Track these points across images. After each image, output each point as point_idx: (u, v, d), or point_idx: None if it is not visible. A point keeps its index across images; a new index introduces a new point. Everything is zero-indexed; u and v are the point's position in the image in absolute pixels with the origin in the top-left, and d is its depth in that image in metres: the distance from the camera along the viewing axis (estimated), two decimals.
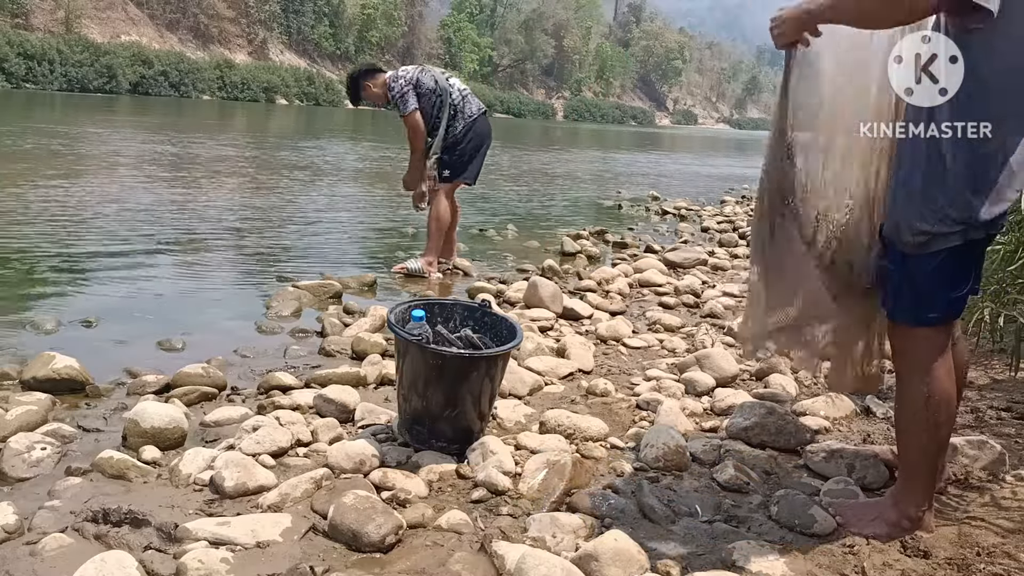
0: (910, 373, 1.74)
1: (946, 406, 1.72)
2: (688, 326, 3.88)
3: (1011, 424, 2.49)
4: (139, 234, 5.31)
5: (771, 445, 2.35)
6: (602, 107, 73.07)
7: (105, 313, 3.50)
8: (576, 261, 5.50)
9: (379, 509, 1.77)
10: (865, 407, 2.71)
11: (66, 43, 33.59)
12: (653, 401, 2.69)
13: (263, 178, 9.32)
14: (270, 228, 6.03)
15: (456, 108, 4.69)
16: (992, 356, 3.22)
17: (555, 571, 1.54)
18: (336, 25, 53.19)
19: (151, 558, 1.62)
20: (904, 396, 1.77)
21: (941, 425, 1.73)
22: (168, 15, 45.16)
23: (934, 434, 1.73)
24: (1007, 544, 1.71)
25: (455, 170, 4.79)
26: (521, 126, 39.78)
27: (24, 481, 1.96)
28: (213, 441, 2.25)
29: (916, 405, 1.73)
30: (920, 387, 1.71)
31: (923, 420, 1.73)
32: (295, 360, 3.08)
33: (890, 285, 1.74)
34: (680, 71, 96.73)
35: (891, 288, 1.74)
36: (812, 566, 1.69)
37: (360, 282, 4.39)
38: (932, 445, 1.75)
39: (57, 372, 2.56)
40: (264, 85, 42.32)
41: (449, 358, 2.11)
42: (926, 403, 1.71)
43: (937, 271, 1.65)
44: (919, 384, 1.71)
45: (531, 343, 3.19)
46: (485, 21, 68.31)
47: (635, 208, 9.22)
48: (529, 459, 2.09)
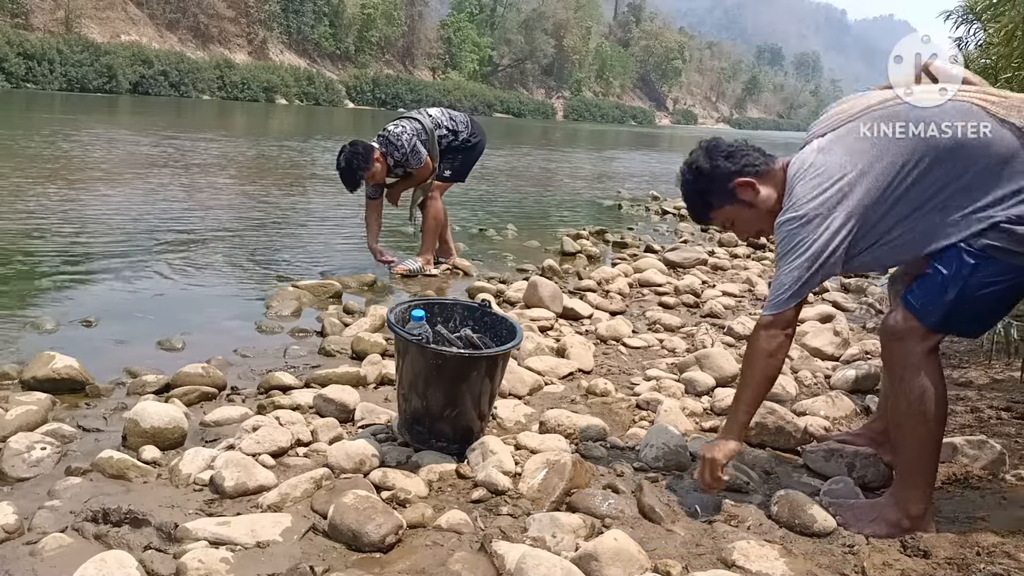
0: (906, 370, 1.76)
1: (941, 401, 1.76)
2: (688, 326, 3.88)
3: (1011, 424, 2.49)
4: (139, 234, 5.30)
5: (771, 445, 2.35)
6: (602, 107, 73.09)
7: (105, 313, 3.50)
8: (576, 261, 5.50)
9: (379, 509, 1.77)
10: (865, 407, 2.71)
11: (66, 43, 33.61)
12: (653, 401, 2.69)
13: (263, 178, 9.32)
14: (270, 228, 6.03)
15: (449, 130, 4.76)
16: (992, 356, 3.22)
17: (555, 571, 1.54)
18: (336, 25, 53.20)
19: (151, 558, 1.62)
20: (901, 393, 1.78)
21: (937, 420, 1.76)
22: (168, 15, 45.18)
23: (931, 429, 1.76)
24: (1007, 544, 1.71)
25: (456, 173, 4.90)
26: (521, 126, 39.78)
27: (24, 481, 1.96)
28: (213, 441, 2.24)
29: (913, 401, 1.75)
30: (917, 383, 1.74)
31: (920, 416, 1.75)
32: (295, 360, 3.08)
33: (929, 283, 1.74)
34: (680, 71, 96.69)
35: (929, 287, 1.73)
36: (812, 566, 1.69)
37: (360, 282, 4.39)
38: (929, 441, 1.77)
39: (57, 372, 2.56)
40: (264, 85, 42.36)
41: (449, 358, 2.11)
42: (922, 398, 1.74)
43: (997, 290, 1.69)
44: (916, 380, 1.74)
45: (531, 343, 3.19)
46: (485, 21, 68.31)
47: (635, 208, 9.22)
48: (529, 459, 2.09)
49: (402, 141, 4.54)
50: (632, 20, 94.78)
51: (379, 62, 57.28)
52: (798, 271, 1.76)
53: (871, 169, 1.73)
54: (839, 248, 1.74)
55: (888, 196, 1.73)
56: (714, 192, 1.99)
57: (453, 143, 4.79)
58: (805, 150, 1.86)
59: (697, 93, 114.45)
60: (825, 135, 1.84)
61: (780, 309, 1.79)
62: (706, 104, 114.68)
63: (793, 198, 1.79)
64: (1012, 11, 3.13)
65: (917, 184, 1.71)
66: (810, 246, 1.74)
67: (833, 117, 1.86)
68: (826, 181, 1.75)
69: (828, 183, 1.74)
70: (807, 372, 3.13)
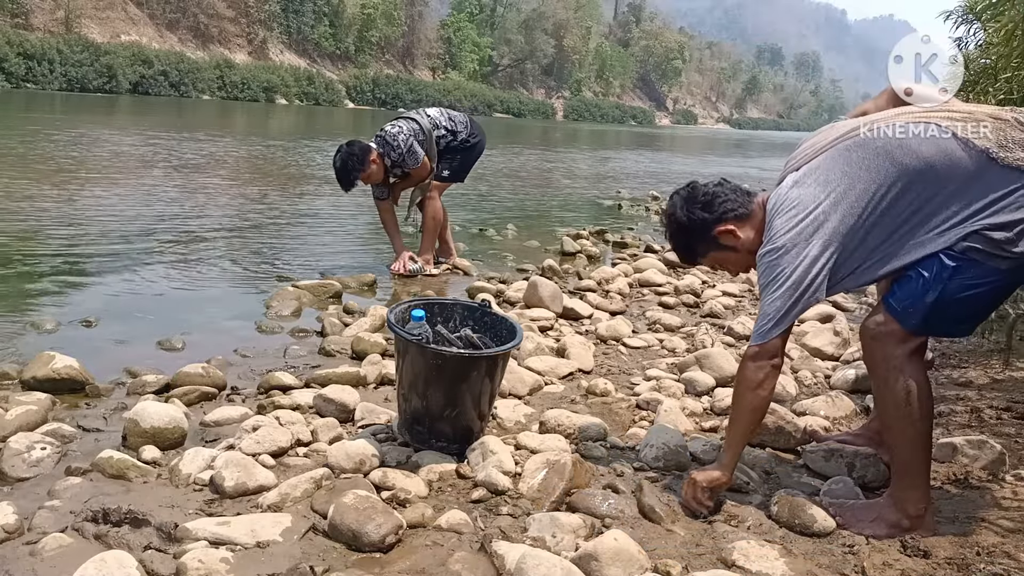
0: (889, 372, 1.78)
1: (926, 399, 1.78)
2: (688, 326, 3.88)
3: (1011, 424, 2.49)
4: (139, 234, 5.30)
5: (771, 445, 2.35)
6: (602, 107, 73.11)
7: (105, 313, 3.50)
8: (576, 261, 5.50)
9: (379, 509, 1.77)
10: (865, 407, 2.71)
11: (66, 43, 33.63)
12: (653, 401, 2.69)
13: (263, 178, 9.33)
14: (270, 228, 6.03)
15: (448, 130, 4.76)
16: (992, 356, 3.22)
17: (555, 571, 1.54)
18: (336, 25, 53.21)
19: (151, 558, 1.62)
20: (887, 396, 1.80)
21: (923, 418, 1.78)
22: (168, 15, 45.19)
23: (919, 429, 1.78)
24: (1007, 544, 1.71)
25: (455, 174, 4.91)
26: (521, 126, 39.78)
27: (24, 481, 1.96)
28: (213, 441, 2.24)
29: (900, 403, 1.77)
30: (901, 385, 1.76)
31: (907, 417, 1.77)
32: (295, 360, 3.08)
33: (910, 286, 1.75)
34: (680, 71, 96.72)
35: (910, 290, 1.75)
36: (812, 566, 1.69)
37: (360, 282, 4.39)
38: (919, 440, 1.79)
39: (57, 372, 2.55)
40: (264, 85, 42.37)
41: (449, 358, 2.11)
42: (907, 399, 1.76)
43: (978, 293, 1.71)
44: (900, 382, 1.76)
45: (531, 343, 3.19)
46: (485, 21, 68.32)
47: (635, 208, 9.22)
48: (529, 459, 2.09)
49: (399, 141, 4.54)
50: (632, 20, 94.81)
51: (379, 62, 57.30)
52: (780, 300, 1.78)
53: (845, 197, 1.76)
54: (819, 275, 1.77)
55: (864, 222, 1.76)
56: (696, 241, 2.03)
57: (452, 143, 4.80)
58: (782, 185, 1.89)
59: (697, 93, 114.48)
60: (799, 168, 1.87)
61: (765, 339, 1.81)
62: (706, 104, 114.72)
63: (772, 231, 1.83)
64: (1012, 11, 3.14)
65: (892, 208, 1.75)
66: (790, 275, 1.76)
67: (807, 149, 1.89)
68: (801, 212, 1.78)
69: (803, 214, 1.78)
70: (807, 372, 3.13)
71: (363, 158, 4.48)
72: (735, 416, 1.91)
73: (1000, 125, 1.69)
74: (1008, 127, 1.68)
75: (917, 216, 1.73)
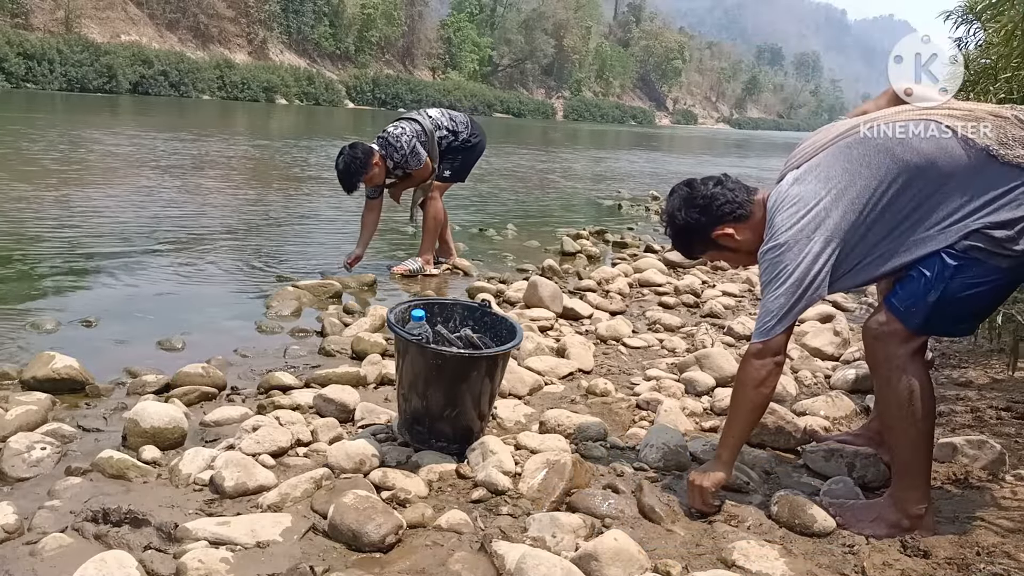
0: (891, 372, 1.78)
1: (928, 399, 1.78)
2: (688, 326, 3.88)
3: (1011, 424, 2.49)
4: (139, 234, 5.31)
5: (771, 445, 2.35)
6: (602, 107, 73.11)
7: (105, 313, 3.50)
8: (576, 261, 5.50)
9: (379, 509, 1.77)
10: (865, 407, 2.71)
11: (66, 43, 33.64)
12: (653, 401, 2.69)
13: (263, 178, 9.33)
14: (270, 228, 6.03)
15: (449, 131, 4.77)
16: (992, 356, 3.22)
17: (555, 571, 1.54)
18: (336, 25, 53.22)
19: (151, 558, 1.62)
20: (889, 396, 1.80)
21: (925, 418, 1.78)
22: (168, 15, 45.19)
23: (921, 429, 1.78)
24: (1007, 544, 1.71)
25: (456, 174, 4.92)
26: (521, 126, 39.78)
27: (24, 481, 1.96)
28: (213, 441, 2.25)
29: (902, 403, 1.77)
30: (903, 385, 1.76)
31: (910, 417, 1.77)
32: (295, 360, 3.08)
33: (912, 286, 1.75)
34: (680, 71, 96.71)
35: (912, 290, 1.75)
36: (812, 566, 1.69)
37: (360, 282, 4.39)
38: (921, 440, 1.79)
39: (57, 372, 2.56)
40: (264, 85, 42.37)
41: (449, 358, 2.10)
42: (910, 399, 1.76)
43: (980, 292, 1.71)
44: (902, 382, 1.76)
45: (531, 343, 3.19)
46: (485, 21, 68.32)
47: (635, 208, 9.22)
48: (529, 459, 2.09)
49: (401, 143, 4.55)
50: (632, 20, 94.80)
51: (379, 62, 57.30)
52: (783, 297, 1.77)
53: (845, 194, 1.76)
54: (821, 271, 1.77)
55: (865, 218, 1.76)
56: (695, 242, 2.05)
57: (453, 143, 4.80)
58: (782, 183, 1.89)
59: (697, 93, 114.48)
60: (800, 166, 1.87)
61: (768, 336, 1.81)
62: (706, 104, 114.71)
63: (773, 228, 1.82)
64: (1012, 11, 3.13)
65: (893, 204, 1.75)
66: (792, 272, 1.76)
67: (807, 147, 1.89)
68: (802, 209, 1.78)
69: (804, 210, 1.78)
70: (807, 372, 3.13)
71: (366, 161, 4.48)
72: (735, 414, 1.91)
73: (1000, 123, 1.69)
74: (1008, 124, 1.68)
75: (918, 212, 1.73)
